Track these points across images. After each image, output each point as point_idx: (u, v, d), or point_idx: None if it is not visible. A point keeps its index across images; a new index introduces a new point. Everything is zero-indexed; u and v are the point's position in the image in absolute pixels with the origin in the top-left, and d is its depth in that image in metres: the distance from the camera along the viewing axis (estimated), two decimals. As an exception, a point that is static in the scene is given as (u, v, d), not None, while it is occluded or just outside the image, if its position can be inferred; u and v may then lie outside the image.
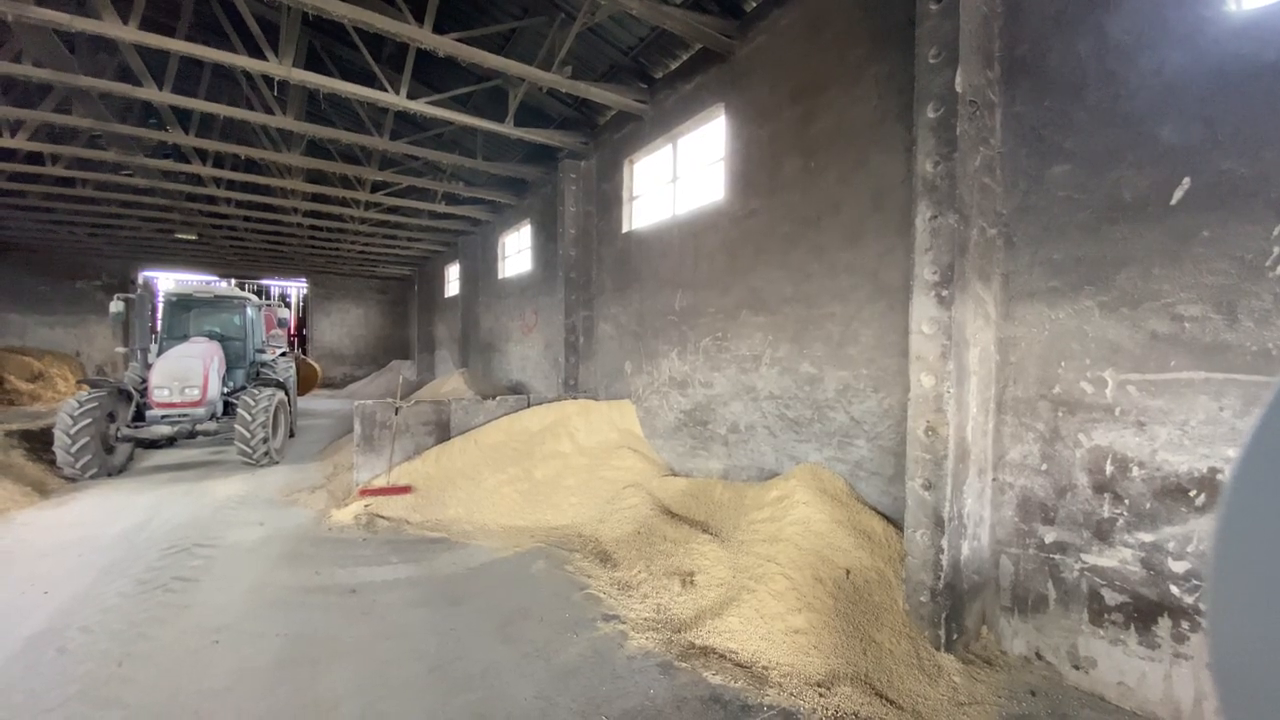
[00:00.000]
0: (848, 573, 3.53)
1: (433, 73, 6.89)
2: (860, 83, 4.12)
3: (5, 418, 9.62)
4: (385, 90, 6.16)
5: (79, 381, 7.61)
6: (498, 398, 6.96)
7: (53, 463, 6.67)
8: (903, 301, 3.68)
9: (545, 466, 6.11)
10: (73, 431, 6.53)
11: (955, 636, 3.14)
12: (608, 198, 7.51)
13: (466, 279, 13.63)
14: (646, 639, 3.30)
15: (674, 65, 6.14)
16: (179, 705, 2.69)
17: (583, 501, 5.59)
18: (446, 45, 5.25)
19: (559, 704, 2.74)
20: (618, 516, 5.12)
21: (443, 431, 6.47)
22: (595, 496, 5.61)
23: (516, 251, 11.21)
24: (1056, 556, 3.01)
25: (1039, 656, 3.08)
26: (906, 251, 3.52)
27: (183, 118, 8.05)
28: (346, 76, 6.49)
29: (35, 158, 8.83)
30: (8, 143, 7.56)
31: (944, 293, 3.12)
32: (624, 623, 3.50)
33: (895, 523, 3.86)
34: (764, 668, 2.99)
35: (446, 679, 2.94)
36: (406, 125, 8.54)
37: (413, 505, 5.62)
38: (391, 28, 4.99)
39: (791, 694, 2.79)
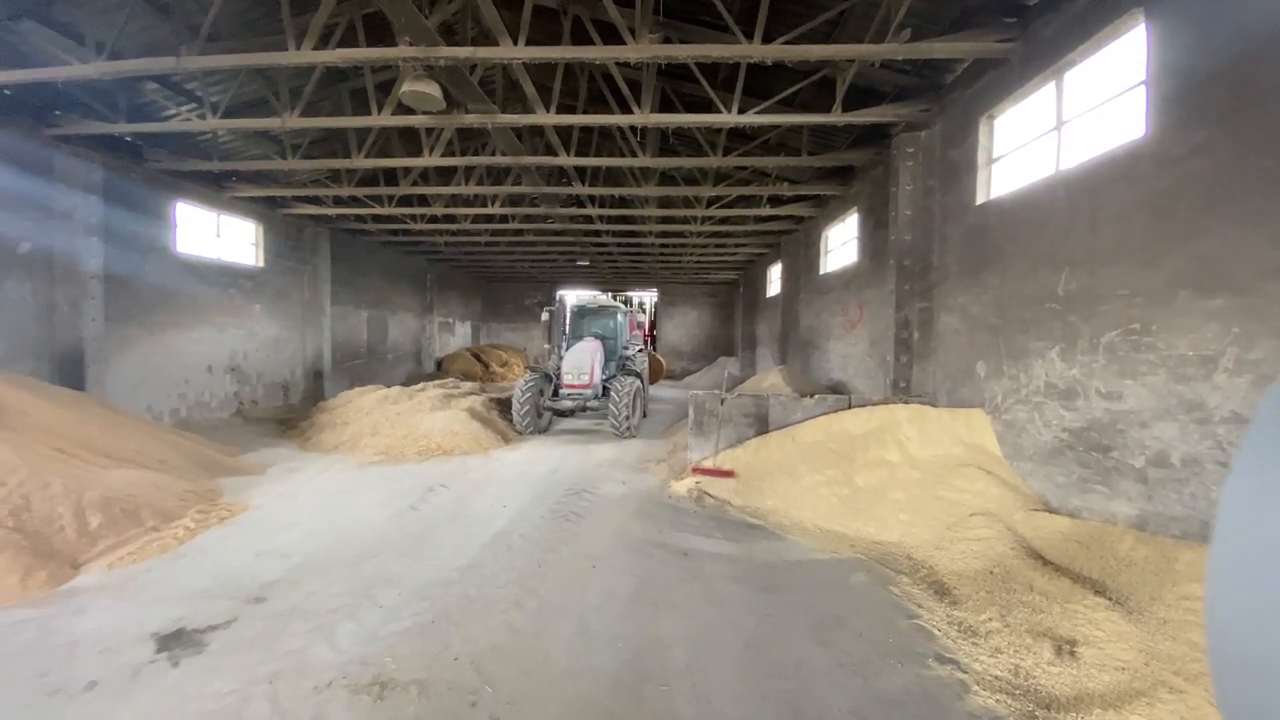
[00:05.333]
0: None
1: (759, 82, 7.21)
2: None
3: (490, 390, 14.75)
4: (720, 111, 6.77)
5: (525, 367, 11.08)
6: (816, 396, 6.81)
7: (510, 421, 9.89)
8: None
9: (868, 474, 5.65)
10: (521, 400, 9.59)
11: None
12: (955, 167, 6.39)
13: (787, 277, 13.80)
14: (996, 701, 2.68)
15: (1059, -20, 4.75)
16: (568, 609, 3.60)
17: (913, 520, 4.94)
18: (774, 52, 5.40)
19: (878, 732, 2.50)
20: (961, 547, 4.34)
21: (761, 424, 6.73)
22: (930, 517, 4.88)
23: (840, 244, 10.72)
24: None
25: None
26: None
27: (580, 173, 10.71)
28: (689, 109, 7.42)
29: (503, 218, 13.21)
30: (491, 210, 11.55)
31: None
32: (964, 671, 2.93)
33: None
34: (1206, 812, 2.04)
35: (761, 659, 3.06)
36: (736, 139, 9.19)
37: (734, 489, 6.04)
38: (727, 53, 5.43)
39: None
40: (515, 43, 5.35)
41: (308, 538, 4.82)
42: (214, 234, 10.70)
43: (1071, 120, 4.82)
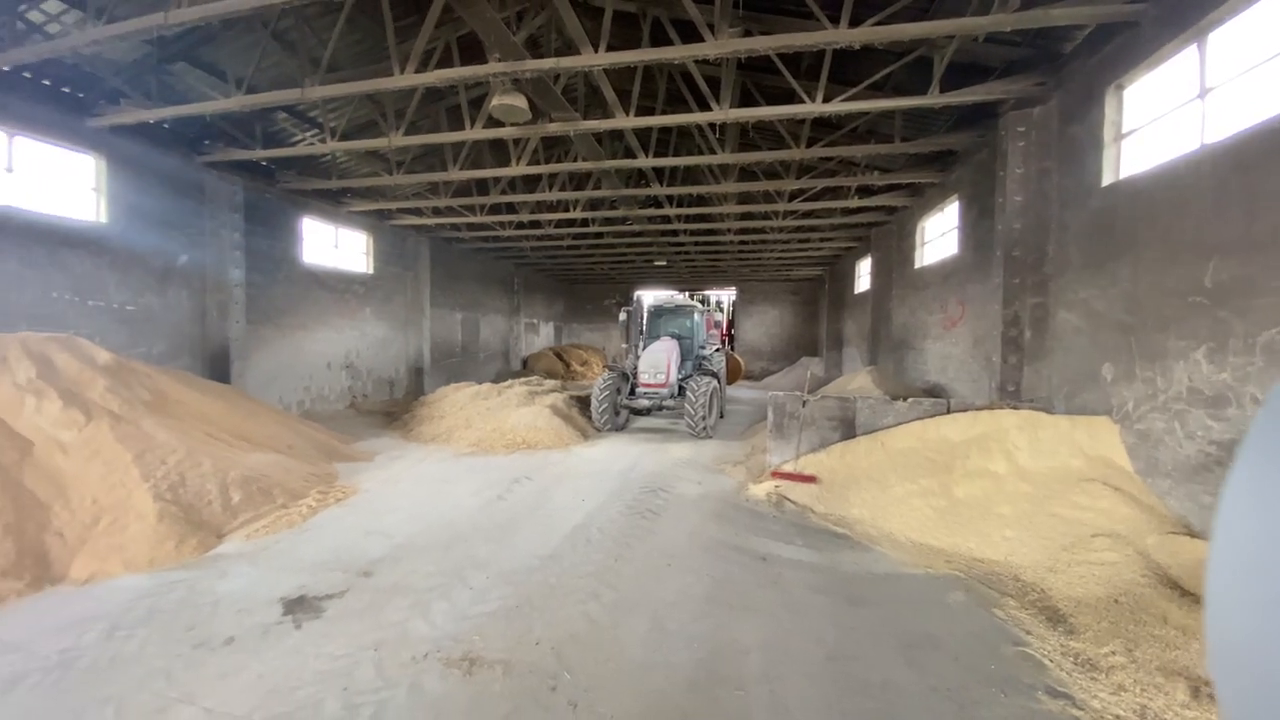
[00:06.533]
0: None
1: (846, 67, 6.86)
2: None
3: (571, 388, 15.24)
4: (803, 102, 6.52)
5: (604, 366, 11.32)
6: (909, 400, 6.36)
7: (589, 418, 10.15)
8: None
9: (969, 485, 5.20)
10: (599, 398, 9.82)
11: None
12: (1077, 145, 5.72)
13: (878, 273, 13.03)
14: (1123, 747, 2.37)
15: (1210, -78, 4.10)
16: (644, 605, 3.63)
17: (1021, 537, 4.48)
18: (863, 35, 5.10)
19: (976, 765, 2.30)
20: (1080, 570, 3.89)
21: (847, 428, 6.41)
22: (1042, 536, 4.41)
23: (939, 235, 9.95)
24: None
25: None
26: None
27: (658, 174, 10.77)
28: (770, 101, 7.20)
29: (584, 221, 13.57)
30: (573, 214, 11.91)
31: None
32: (1080, 708, 2.62)
33: None
34: None
35: (843, 674, 2.91)
36: (821, 129, 8.81)
37: (816, 495, 5.80)
38: (812, 40, 5.20)
39: None
40: (596, 50, 5.48)
41: (408, 520, 5.24)
42: (333, 245, 11.94)
43: (1217, 87, 4.15)
